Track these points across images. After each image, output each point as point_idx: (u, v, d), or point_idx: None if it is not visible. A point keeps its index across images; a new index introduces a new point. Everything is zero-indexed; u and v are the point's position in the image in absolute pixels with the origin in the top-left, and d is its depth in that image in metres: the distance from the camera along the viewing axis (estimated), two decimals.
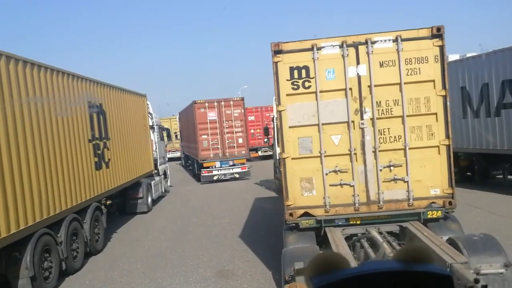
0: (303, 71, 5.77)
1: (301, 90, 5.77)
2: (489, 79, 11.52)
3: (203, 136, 19.47)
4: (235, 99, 20.18)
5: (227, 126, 19.60)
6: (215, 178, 19.46)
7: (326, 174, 5.80)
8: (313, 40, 5.78)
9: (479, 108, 12.02)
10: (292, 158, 5.83)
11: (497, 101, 11.31)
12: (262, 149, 27.65)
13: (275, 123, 14.62)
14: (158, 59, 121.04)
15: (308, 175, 5.83)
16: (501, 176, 12.81)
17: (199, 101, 19.65)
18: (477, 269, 3.90)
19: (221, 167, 19.58)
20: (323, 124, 5.77)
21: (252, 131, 27.38)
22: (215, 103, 19.61)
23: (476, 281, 3.31)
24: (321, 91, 5.76)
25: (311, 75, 5.76)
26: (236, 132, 19.73)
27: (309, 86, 5.77)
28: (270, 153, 23.80)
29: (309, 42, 5.78)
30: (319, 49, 5.75)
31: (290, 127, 5.81)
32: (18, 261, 6.38)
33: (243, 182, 18.82)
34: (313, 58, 5.74)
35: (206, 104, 19.59)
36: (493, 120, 11.54)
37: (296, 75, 5.78)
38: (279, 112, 5.84)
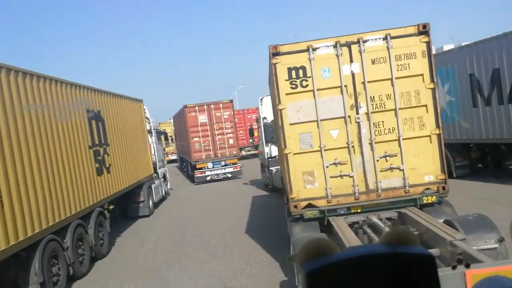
0: (301, 71, 6.08)
1: (300, 89, 6.08)
2: (500, 64, 10.62)
3: (195, 139, 19.75)
4: (224, 101, 20.49)
5: (217, 128, 19.94)
6: (208, 178, 19.78)
7: (327, 166, 6.11)
8: (308, 42, 6.10)
9: (491, 95, 11.09)
10: (294, 153, 6.13)
11: (510, 87, 10.46)
12: (246, 148, 28.80)
13: (261, 123, 14.91)
14: (154, 64, 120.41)
15: (309, 169, 6.13)
16: None
17: (189, 105, 19.91)
18: (460, 249, 4.09)
19: (213, 167, 19.92)
20: (321, 120, 6.08)
21: None
22: (205, 107, 19.91)
23: (459, 260, 3.41)
24: (318, 89, 6.07)
25: (308, 74, 6.07)
26: (226, 133, 20.08)
27: (307, 85, 6.07)
28: (254, 152, 24.33)
29: (305, 43, 6.09)
30: (314, 49, 6.06)
31: (290, 124, 6.11)
32: (28, 268, 6.49)
33: (234, 183, 19.02)
34: (309, 59, 6.05)
35: (197, 108, 19.86)
36: (507, 108, 10.65)
37: (294, 75, 6.08)
38: (279, 110, 6.13)
